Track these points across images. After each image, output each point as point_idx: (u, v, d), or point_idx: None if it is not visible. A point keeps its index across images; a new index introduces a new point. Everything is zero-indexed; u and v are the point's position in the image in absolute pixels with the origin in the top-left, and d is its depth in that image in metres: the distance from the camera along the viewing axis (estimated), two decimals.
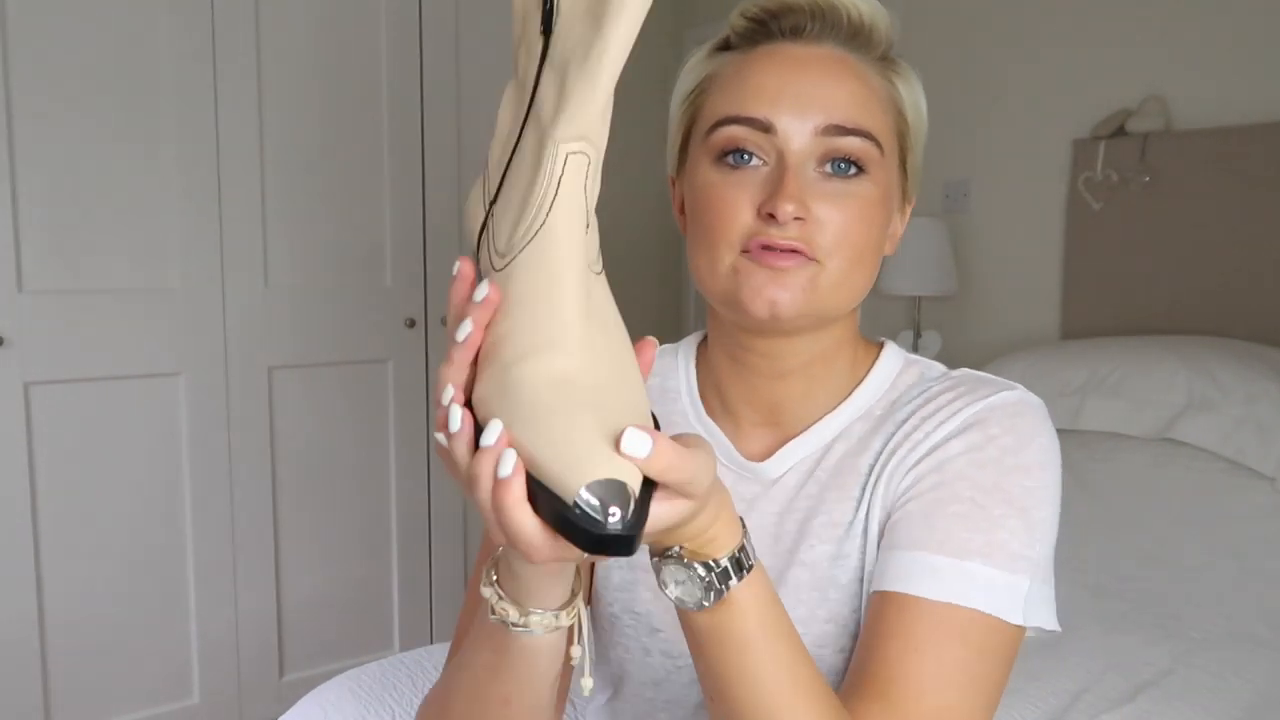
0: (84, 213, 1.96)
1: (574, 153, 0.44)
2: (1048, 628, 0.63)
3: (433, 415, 2.75)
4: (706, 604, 0.49)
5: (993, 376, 0.70)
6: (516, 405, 0.43)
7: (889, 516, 0.66)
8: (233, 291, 2.15)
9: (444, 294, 2.44)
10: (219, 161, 2.10)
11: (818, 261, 0.63)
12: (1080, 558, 1.70)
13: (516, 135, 0.49)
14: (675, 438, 0.43)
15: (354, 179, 2.31)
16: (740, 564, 0.49)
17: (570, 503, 0.39)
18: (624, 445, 0.40)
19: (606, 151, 0.46)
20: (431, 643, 2.51)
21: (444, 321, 0.55)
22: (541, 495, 0.40)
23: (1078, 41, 2.36)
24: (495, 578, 0.54)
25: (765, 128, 0.63)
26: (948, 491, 0.64)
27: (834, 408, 0.71)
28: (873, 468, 0.68)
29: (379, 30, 2.32)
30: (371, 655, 2.37)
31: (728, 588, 0.49)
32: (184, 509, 2.14)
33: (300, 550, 2.31)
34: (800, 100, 0.63)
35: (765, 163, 0.64)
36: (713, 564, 0.49)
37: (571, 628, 0.55)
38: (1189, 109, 2.18)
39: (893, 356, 0.74)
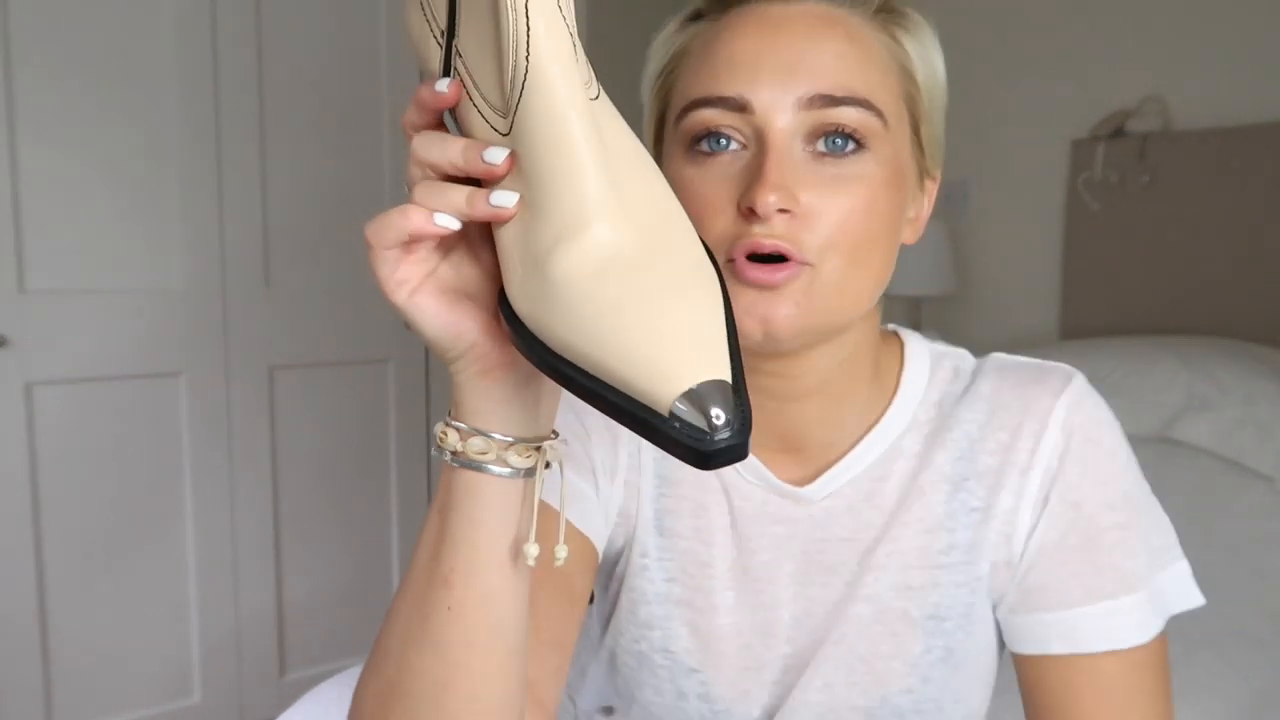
0: (84, 213, 1.96)
1: None
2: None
3: (432, 416, 2.70)
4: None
5: (1026, 359, 0.66)
6: (568, 310, 0.36)
7: (1015, 564, 0.61)
8: (233, 291, 2.15)
9: None
10: (219, 161, 2.10)
11: (810, 265, 0.53)
12: None
13: None
14: None
15: (355, 179, 2.31)
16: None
17: (666, 415, 0.33)
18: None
19: None
20: None
21: (409, 188, 0.43)
22: (626, 407, 0.34)
23: (1077, 41, 2.36)
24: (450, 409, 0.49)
25: (740, 106, 0.54)
26: (1092, 527, 0.59)
27: (870, 425, 0.63)
28: (948, 492, 0.62)
29: (379, 30, 2.32)
30: None
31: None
32: (184, 509, 2.14)
33: (300, 550, 2.31)
34: (779, 68, 0.53)
35: (745, 146, 0.54)
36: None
37: (538, 492, 0.48)
38: (1188, 109, 2.18)
39: (919, 352, 0.66)
